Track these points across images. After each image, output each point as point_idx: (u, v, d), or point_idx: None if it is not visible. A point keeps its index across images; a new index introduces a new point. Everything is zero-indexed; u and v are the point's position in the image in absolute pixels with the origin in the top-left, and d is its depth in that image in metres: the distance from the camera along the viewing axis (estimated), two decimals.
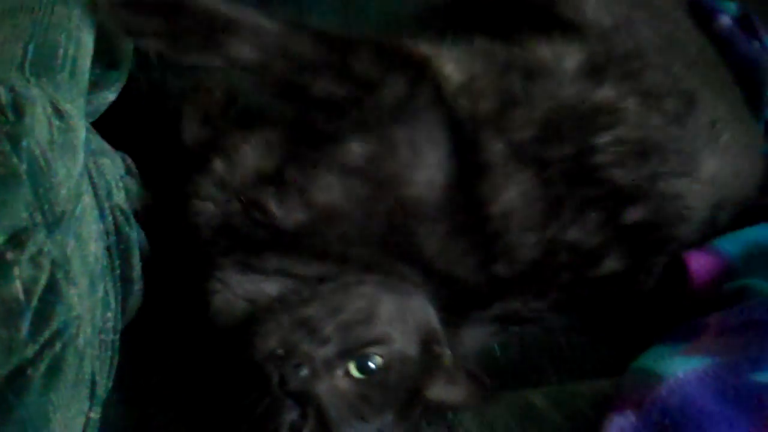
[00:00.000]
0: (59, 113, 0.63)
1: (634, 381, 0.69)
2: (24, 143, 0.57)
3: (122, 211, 0.78)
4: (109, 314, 0.71)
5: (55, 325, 0.56)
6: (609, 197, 0.85)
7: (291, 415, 0.71)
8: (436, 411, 0.77)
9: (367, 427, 0.73)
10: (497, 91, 0.85)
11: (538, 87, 0.86)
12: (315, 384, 0.71)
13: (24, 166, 0.56)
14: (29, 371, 0.54)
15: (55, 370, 0.56)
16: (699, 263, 0.85)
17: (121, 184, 0.81)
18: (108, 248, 0.74)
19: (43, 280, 0.56)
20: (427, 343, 0.78)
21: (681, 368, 0.69)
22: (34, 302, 0.55)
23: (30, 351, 0.54)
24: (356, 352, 0.73)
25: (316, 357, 0.71)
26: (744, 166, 0.95)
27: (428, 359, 0.77)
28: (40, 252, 0.56)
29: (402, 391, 0.75)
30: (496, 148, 0.82)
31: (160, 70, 1.08)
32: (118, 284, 0.74)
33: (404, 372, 0.75)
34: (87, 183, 0.71)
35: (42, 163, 0.58)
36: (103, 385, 0.67)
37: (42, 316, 0.55)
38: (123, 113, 0.92)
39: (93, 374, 0.62)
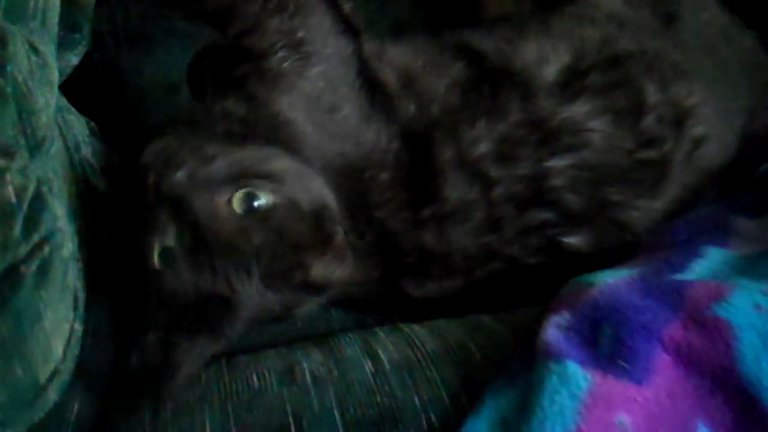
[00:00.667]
0: (35, 50, 0.68)
1: (569, 289, 0.77)
2: (8, 68, 0.62)
3: (90, 165, 0.83)
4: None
5: (43, 230, 0.61)
6: (555, 222, 0.85)
7: (166, 229, 0.69)
8: (319, 289, 0.77)
9: (242, 273, 0.71)
10: (453, 99, 0.87)
11: (508, 99, 0.86)
12: (192, 196, 0.70)
13: (9, 89, 0.61)
14: (22, 269, 0.59)
15: (44, 270, 0.61)
16: None
17: (87, 140, 0.85)
18: (78, 195, 0.79)
19: (31, 189, 0.61)
20: (320, 217, 0.76)
21: (611, 276, 0.76)
22: (25, 207, 0.60)
23: (23, 250, 0.59)
24: (242, 181, 0.72)
25: (198, 171, 0.70)
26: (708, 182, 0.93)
27: (318, 233, 0.75)
28: (26, 166, 0.61)
29: (286, 249, 0.73)
30: (445, 155, 0.84)
31: (114, 49, 1.13)
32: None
33: (291, 227, 0.73)
34: (57, 132, 0.76)
35: (24, 89, 0.64)
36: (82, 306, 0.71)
37: (32, 221, 0.60)
38: (81, 89, 0.97)
39: (75, 287, 0.67)
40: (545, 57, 0.89)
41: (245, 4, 0.83)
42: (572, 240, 0.85)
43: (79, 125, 0.85)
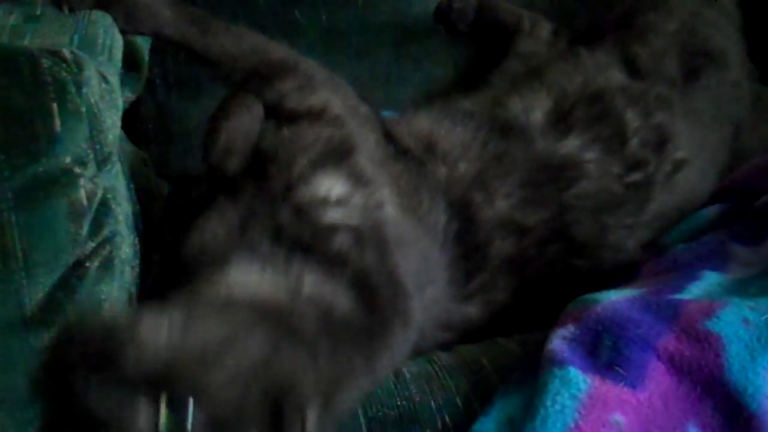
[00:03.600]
0: (104, 78, 0.78)
1: (576, 306, 0.84)
2: (84, 90, 0.72)
3: (143, 190, 0.92)
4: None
5: (106, 231, 0.70)
6: (568, 252, 0.94)
7: None
8: None
9: None
10: (479, 155, 0.94)
11: (514, 146, 0.94)
12: None
13: (84, 108, 0.71)
14: (87, 264, 0.69)
15: (105, 267, 0.70)
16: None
17: (142, 170, 0.95)
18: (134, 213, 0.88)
19: (99, 195, 0.70)
20: None
21: (614, 295, 0.84)
22: (93, 210, 0.69)
23: (89, 247, 0.68)
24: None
25: None
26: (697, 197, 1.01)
27: None
28: (95, 176, 0.71)
29: None
30: (487, 214, 0.91)
31: (165, 93, 1.23)
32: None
33: None
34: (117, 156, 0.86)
35: (95, 110, 0.73)
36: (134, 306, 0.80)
37: (98, 222, 0.70)
38: (133, 128, 1.06)
39: (130, 289, 0.76)
40: (529, 106, 0.97)
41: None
42: (579, 263, 0.93)
43: (134, 154, 0.94)
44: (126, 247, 0.73)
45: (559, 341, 0.78)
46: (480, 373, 0.83)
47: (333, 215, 0.79)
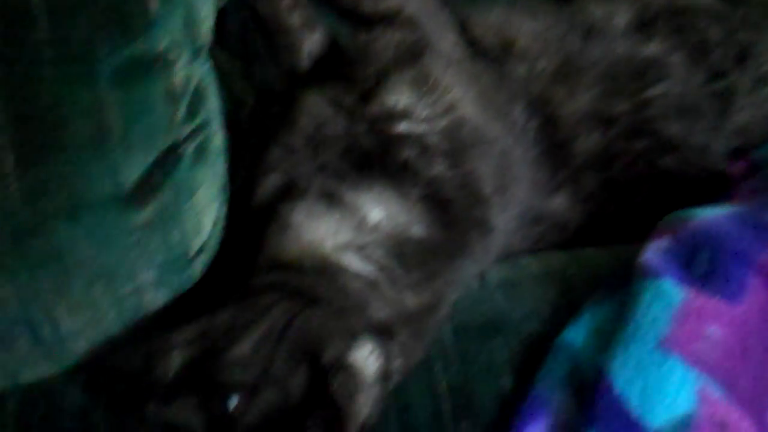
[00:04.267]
0: None
1: (671, 219, 0.82)
2: None
3: (232, 97, 0.91)
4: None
5: (201, 117, 0.70)
6: (654, 149, 0.92)
7: None
8: None
9: None
10: (558, 51, 0.92)
11: (594, 44, 0.93)
12: None
13: None
14: (182, 148, 0.69)
15: (200, 152, 0.70)
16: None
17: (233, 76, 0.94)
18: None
19: (194, 82, 0.70)
20: None
21: (711, 211, 0.81)
22: (188, 95, 0.69)
23: (184, 131, 0.69)
24: None
25: None
26: None
27: None
28: (190, 62, 0.70)
29: None
30: (570, 108, 0.90)
31: None
32: None
33: None
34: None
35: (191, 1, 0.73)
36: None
37: (193, 107, 0.69)
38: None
39: (223, 176, 0.76)
40: (611, 11, 0.96)
41: None
42: (665, 162, 0.91)
43: (222, 57, 0.94)
44: (219, 137, 0.73)
45: (653, 253, 0.76)
46: (568, 281, 0.81)
47: (401, 126, 0.78)
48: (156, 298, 0.71)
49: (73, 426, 0.72)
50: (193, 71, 0.70)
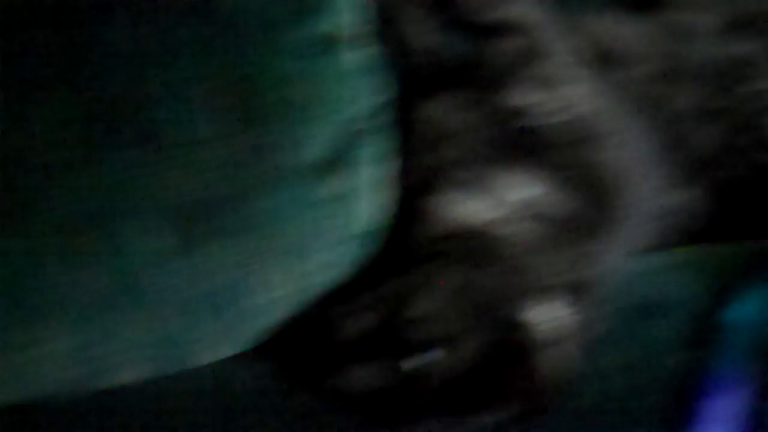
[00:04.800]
0: None
1: None
2: None
3: None
4: None
5: (384, 97, 0.71)
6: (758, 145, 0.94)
7: None
8: None
9: None
10: (655, 55, 0.95)
11: (689, 46, 0.95)
12: None
13: None
14: (361, 125, 0.70)
15: (377, 131, 0.71)
16: None
17: None
18: None
19: (371, 61, 0.71)
20: None
21: None
22: (372, 72, 0.70)
23: (364, 108, 0.70)
24: None
25: None
26: None
27: None
28: (369, 42, 0.72)
29: None
30: (677, 106, 0.93)
31: None
32: None
33: None
34: None
35: None
36: None
37: (375, 87, 0.70)
38: None
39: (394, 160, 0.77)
40: (702, 16, 0.99)
41: None
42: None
43: None
44: (391, 119, 0.74)
45: None
46: (719, 268, 0.82)
47: (527, 120, 0.80)
48: (332, 277, 0.70)
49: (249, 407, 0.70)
50: (371, 51, 0.71)
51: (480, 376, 0.69)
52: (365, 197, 0.71)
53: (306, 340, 0.72)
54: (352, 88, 0.69)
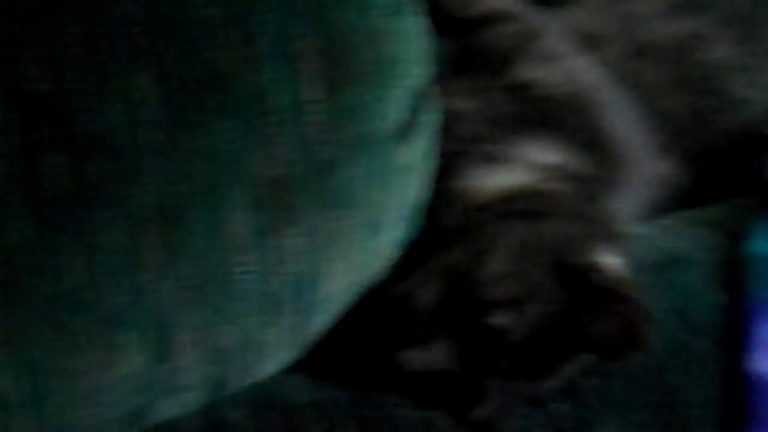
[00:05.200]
0: None
1: None
2: None
3: None
4: None
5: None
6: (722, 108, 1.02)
7: None
8: None
9: None
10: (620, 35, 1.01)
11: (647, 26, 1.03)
12: None
13: None
14: (429, 90, 0.69)
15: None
16: None
17: None
18: None
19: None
20: None
21: None
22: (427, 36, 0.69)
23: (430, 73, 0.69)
24: None
25: None
26: None
27: None
28: None
29: None
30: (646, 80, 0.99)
31: None
32: None
33: None
34: None
35: None
36: None
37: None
38: None
39: None
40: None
41: None
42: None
43: None
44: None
45: None
46: (725, 224, 0.86)
47: (536, 91, 0.85)
48: (394, 253, 0.68)
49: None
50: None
51: (564, 325, 0.69)
52: (422, 168, 0.70)
53: (371, 323, 0.69)
54: (421, 50, 0.67)
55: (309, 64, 0.58)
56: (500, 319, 0.67)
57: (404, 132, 0.65)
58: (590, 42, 0.97)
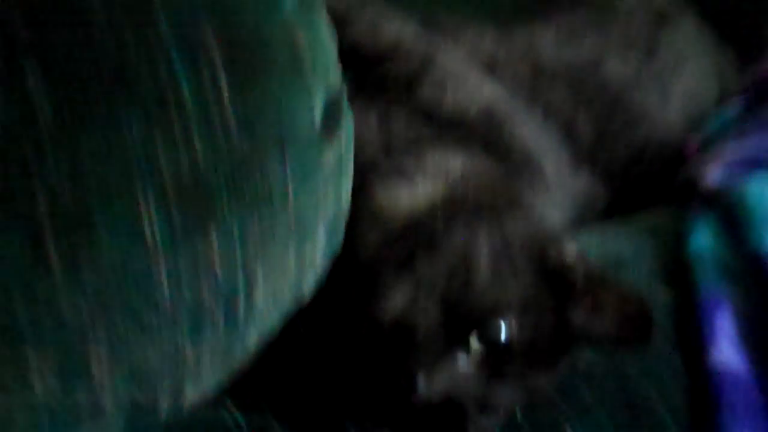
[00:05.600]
0: None
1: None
2: None
3: None
4: None
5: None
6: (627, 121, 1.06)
7: None
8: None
9: None
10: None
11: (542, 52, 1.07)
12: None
13: None
14: (341, 95, 0.65)
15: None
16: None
17: None
18: None
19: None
20: None
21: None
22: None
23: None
24: None
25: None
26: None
27: None
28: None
29: None
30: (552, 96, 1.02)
31: None
32: None
33: None
34: None
35: None
36: None
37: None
38: None
39: None
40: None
41: None
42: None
43: None
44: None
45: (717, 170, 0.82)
46: (659, 231, 0.87)
47: (443, 111, 0.85)
48: (321, 265, 0.64)
49: None
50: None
51: (559, 322, 0.68)
52: (345, 173, 0.66)
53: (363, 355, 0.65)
54: (333, 55, 0.64)
55: (212, 57, 0.53)
56: (504, 326, 0.65)
57: (325, 134, 0.61)
58: (493, 65, 0.99)
